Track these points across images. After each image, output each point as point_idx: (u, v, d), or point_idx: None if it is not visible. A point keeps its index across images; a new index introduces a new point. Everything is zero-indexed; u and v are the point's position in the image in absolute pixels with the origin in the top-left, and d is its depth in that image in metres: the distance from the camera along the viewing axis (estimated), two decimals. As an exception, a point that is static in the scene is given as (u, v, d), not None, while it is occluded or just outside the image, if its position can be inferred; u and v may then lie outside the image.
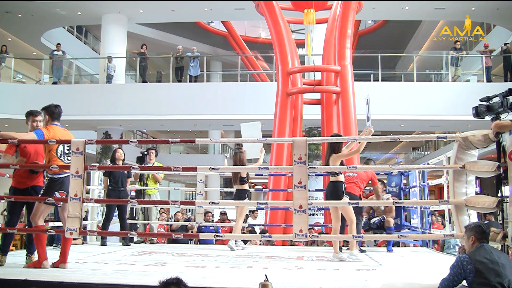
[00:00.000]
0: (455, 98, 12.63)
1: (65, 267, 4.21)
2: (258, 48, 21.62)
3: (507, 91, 3.96)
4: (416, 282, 3.85)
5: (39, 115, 4.56)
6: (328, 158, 5.19)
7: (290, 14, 11.85)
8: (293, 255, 5.70)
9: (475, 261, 3.03)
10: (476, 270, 2.99)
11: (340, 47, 10.23)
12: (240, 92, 13.72)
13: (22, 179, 4.51)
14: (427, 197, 7.44)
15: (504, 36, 15.57)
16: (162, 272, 4.11)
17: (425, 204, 6.80)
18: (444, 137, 4.36)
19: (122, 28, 15.80)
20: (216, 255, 5.47)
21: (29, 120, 4.57)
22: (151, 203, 7.18)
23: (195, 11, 15.82)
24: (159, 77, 15.76)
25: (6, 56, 14.59)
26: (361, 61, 16.32)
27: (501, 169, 3.77)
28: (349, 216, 5.10)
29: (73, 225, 3.99)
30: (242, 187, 6.26)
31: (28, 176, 4.50)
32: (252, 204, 7.74)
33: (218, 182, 19.67)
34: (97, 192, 7.34)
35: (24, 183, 4.50)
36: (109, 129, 14.80)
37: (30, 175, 4.51)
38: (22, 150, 4.51)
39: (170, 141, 4.61)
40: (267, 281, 2.83)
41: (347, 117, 9.82)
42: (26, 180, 4.50)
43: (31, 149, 4.52)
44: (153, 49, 18.47)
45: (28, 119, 4.59)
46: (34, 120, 4.54)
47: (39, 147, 4.53)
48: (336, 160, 5.12)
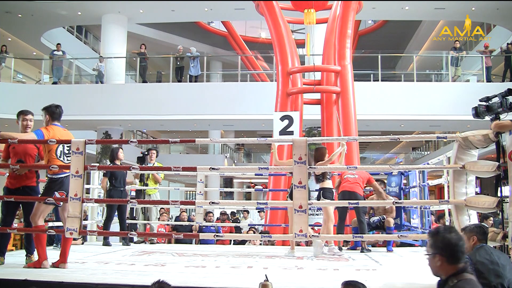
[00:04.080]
0: (455, 98, 12.63)
1: (65, 267, 4.21)
2: (258, 48, 21.62)
3: (507, 91, 3.96)
4: (416, 282, 3.85)
5: (29, 114, 4.52)
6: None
7: (290, 14, 11.85)
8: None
9: (475, 261, 3.03)
10: (476, 271, 2.98)
11: (340, 47, 10.23)
12: (240, 92, 13.72)
13: (12, 179, 4.48)
14: (427, 197, 7.44)
15: (504, 36, 15.57)
16: (162, 272, 4.11)
17: (425, 204, 6.80)
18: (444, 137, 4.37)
19: (122, 28, 15.80)
20: (216, 255, 5.47)
21: (20, 119, 4.52)
22: (151, 203, 7.17)
23: (195, 11, 15.82)
24: (159, 77, 15.76)
25: (6, 56, 14.60)
26: (361, 61, 16.31)
27: (501, 169, 3.77)
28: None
29: (73, 225, 3.99)
30: (323, 185, 5.79)
31: (18, 177, 4.45)
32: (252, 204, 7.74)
33: (218, 182, 19.68)
34: (97, 192, 7.34)
35: (14, 183, 4.47)
36: (109, 129, 14.80)
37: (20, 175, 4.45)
38: (11, 151, 4.49)
39: (170, 141, 4.61)
40: (267, 281, 2.83)
41: (347, 117, 9.82)
42: (17, 180, 4.47)
43: (20, 149, 4.48)
44: (153, 49, 18.48)
45: (18, 118, 4.54)
46: (24, 119, 4.49)
47: (28, 148, 4.51)
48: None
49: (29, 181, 4.52)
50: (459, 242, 2.18)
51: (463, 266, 2.17)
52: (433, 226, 7.65)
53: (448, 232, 2.22)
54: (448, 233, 2.20)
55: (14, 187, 4.47)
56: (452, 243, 2.16)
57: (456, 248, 2.16)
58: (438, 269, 2.19)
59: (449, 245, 2.16)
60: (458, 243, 2.18)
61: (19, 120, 4.54)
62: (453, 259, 2.16)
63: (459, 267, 2.16)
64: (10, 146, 4.47)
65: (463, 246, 2.20)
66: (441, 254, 2.16)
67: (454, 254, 2.16)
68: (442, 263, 2.16)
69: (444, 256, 2.16)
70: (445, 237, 2.18)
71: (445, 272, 2.17)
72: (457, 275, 2.14)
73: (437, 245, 2.18)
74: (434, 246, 2.19)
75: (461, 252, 2.18)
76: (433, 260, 2.19)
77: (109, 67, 14.70)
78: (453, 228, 2.35)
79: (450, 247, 2.16)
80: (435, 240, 2.20)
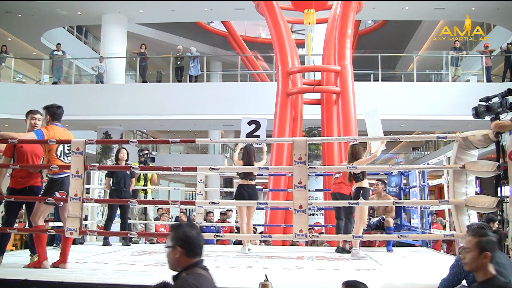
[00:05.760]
0: (455, 98, 12.63)
1: (65, 267, 4.21)
2: (258, 48, 21.62)
3: (506, 91, 3.97)
4: (416, 282, 3.85)
5: (38, 114, 4.56)
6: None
7: (290, 14, 11.85)
8: (293, 255, 5.70)
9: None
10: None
11: (340, 47, 10.23)
12: (240, 92, 13.73)
13: (18, 179, 4.49)
14: (427, 197, 7.44)
15: (504, 36, 15.57)
16: (162, 272, 4.11)
17: (425, 204, 6.80)
18: (444, 137, 4.36)
19: (122, 28, 15.80)
20: (216, 255, 5.47)
21: (28, 118, 4.56)
22: (151, 203, 7.18)
23: (195, 11, 15.82)
24: (159, 77, 15.77)
25: (6, 56, 14.60)
26: (361, 61, 16.31)
27: (501, 169, 3.77)
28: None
29: (73, 225, 3.99)
30: (362, 184, 5.47)
31: (25, 176, 4.47)
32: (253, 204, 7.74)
33: (218, 182, 19.67)
34: (97, 192, 7.35)
35: (21, 183, 4.48)
36: (109, 129, 14.80)
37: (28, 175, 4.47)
38: (19, 150, 4.50)
39: (170, 141, 4.61)
40: (267, 281, 2.84)
41: (347, 117, 9.82)
42: (22, 180, 4.47)
43: (28, 149, 4.49)
44: (153, 49, 18.47)
45: (27, 117, 4.58)
46: (33, 118, 4.53)
47: (36, 147, 4.52)
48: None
49: (34, 181, 4.53)
50: (199, 237, 2.33)
51: (198, 261, 2.30)
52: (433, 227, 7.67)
53: (189, 226, 2.37)
54: (189, 228, 2.35)
55: (20, 187, 4.47)
56: (192, 237, 2.29)
57: (196, 242, 2.29)
58: (175, 261, 2.29)
59: (190, 238, 2.28)
60: (198, 237, 2.32)
61: (27, 119, 4.58)
62: (192, 252, 2.28)
63: (194, 261, 2.28)
64: (17, 145, 4.48)
65: (202, 241, 2.34)
66: (182, 246, 2.27)
67: (193, 248, 2.28)
68: (181, 255, 2.27)
69: (184, 248, 2.27)
70: (186, 231, 2.31)
71: (182, 265, 2.28)
72: (190, 268, 2.26)
73: (179, 238, 2.29)
74: (175, 238, 2.30)
75: (199, 247, 2.31)
76: (173, 252, 2.28)
77: (109, 67, 14.70)
78: (194, 224, 2.49)
79: (191, 240, 2.28)
80: (177, 233, 2.31)
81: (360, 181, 5.41)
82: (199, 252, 2.31)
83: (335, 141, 9.86)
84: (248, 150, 6.01)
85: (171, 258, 2.30)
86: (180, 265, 2.28)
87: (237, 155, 6.05)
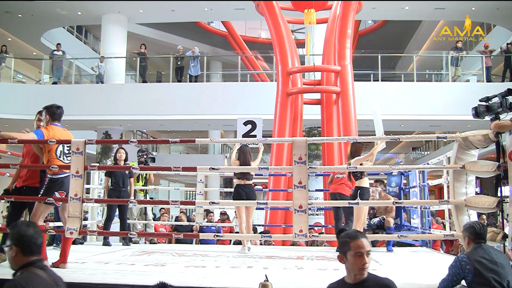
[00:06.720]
0: (455, 98, 12.63)
1: (65, 267, 4.21)
2: (258, 48, 21.61)
3: (506, 91, 3.96)
4: (416, 282, 3.85)
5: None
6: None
7: (290, 14, 11.85)
8: (293, 255, 5.70)
9: (474, 261, 3.03)
10: (475, 270, 2.99)
11: (340, 47, 10.24)
12: (240, 92, 13.73)
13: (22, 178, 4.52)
14: (427, 197, 7.43)
15: (504, 36, 15.57)
16: (162, 272, 4.11)
17: (425, 204, 6.79)
18: (444, 137, 4.36)
19: (122, 28, 15.80)
20: (216, 255, 5.47)
21: (36, 119, 4.68)
22: (151, 203, 7.18)
23: (195, 11, 15.82)
24: (159, 77, 15.77)
25: (6, 56, 14.60)
26: (361, 61, 16.31)
27: (501, 169, 3.77)
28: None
29: (73, 225, 3.99)
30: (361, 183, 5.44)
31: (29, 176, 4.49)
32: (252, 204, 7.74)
33: (218, 182, 19.66)
34: (97, 192, 7.34)
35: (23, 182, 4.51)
36: (109, 129, 14.80)
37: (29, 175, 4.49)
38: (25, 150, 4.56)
39: (170, 141, 4.61)
40: (267, 281, 2.83)
41: (347, 117, 9.83)
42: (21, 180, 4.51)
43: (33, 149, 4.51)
44: (153, 49, 18.46)
45: (36, 117, 4.70)
46: (39, 119, 4.63)
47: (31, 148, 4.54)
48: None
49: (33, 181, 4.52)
50: (35, 235, 2.32)
51: (35, 260, 2.29)
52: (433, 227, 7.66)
53: (25, 225, 2.38)
54: (26, 226, 2.35)
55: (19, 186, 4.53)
56: (27, 235, 2.29)
57: (31, 241, 2.29)
58: (13, 260, 2.29)
59: (24, 237, 2.28)
60: (34, 235, 2.31)
61: (35, 120, 4.68)
62: (28, 251, 2.28)
63: (30, 260, 2.28)
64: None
65: (38, 240, 2.32)
66: (17, 245, 2.28)
67: (28, 247, 2.28)
68: (17, 254, 2.27)
69: (18, 247, 2.27)
70: (21, 229, 2.32)
71: (18, 264, 2.28)
72: (26, 267, 2.26)
73: (14, 237, 2.30)
74: (11, 238, 2.30)
75: (35, 245, 2.30)
76: (9, 252, 2.29)
77: (109, 67, 14.70)
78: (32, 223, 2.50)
79: (25, 239, 2.28)
80: (13, 232, 2.32)
81: (359, 180, 5.42)
82: (36, 250, 2.30)
83: (335, 141, 9.86)
84: (243, 150, 6.05)
85: (9, 257, 2.30)
86: (17, 263, 2.28)
87: (234, 155, 6.09)
